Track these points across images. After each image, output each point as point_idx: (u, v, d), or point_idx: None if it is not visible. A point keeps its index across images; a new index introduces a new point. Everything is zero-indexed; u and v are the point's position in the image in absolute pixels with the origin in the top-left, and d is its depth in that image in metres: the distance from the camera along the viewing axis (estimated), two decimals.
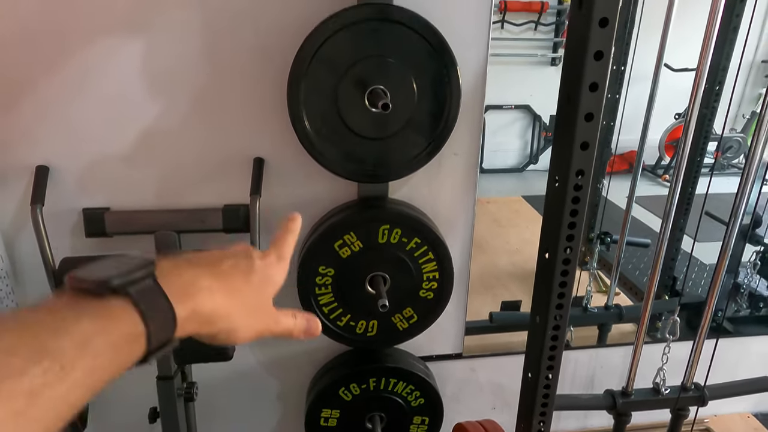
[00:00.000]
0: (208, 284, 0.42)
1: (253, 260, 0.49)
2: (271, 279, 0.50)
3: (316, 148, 1.17)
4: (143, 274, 0.38)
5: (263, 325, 0.49)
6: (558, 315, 0.91)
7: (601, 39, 0.73)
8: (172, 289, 0.39)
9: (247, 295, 0.46)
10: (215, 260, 0.46)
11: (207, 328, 0.42)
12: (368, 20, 1.09)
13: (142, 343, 0.36)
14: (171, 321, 0.38)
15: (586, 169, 0.81)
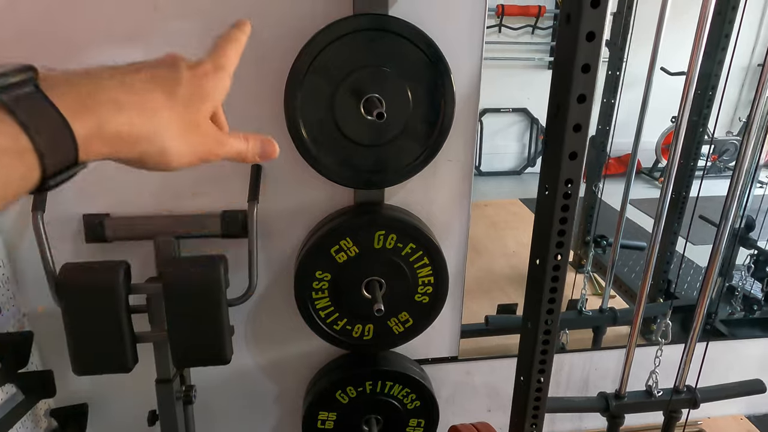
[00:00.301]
0: (113, 97, 0.35)
1: (179, 70, 0.41)
2: (204, 91, 0.42)
3: (313, 155, 1.19)
4: (20, 80, 0.32)
5: (203, 146, 0.42)
6: (549, 320, 0.93)
7: (589, 52, 0.75)
8: (64, 101, 0.33)
9: (172, 110, 0.39)
10: (126, 71, 0.38)
11: (125, 151, 0.37)
12: (363, 30, 1.11)
13: (32, 161, 0.31)
14: (66, 136, 0.33)
15: (575, 178, 0.83)
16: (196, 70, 0.42)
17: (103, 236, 1.27)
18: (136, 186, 1.28)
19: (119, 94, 0.36)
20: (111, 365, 1.18)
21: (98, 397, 1.48)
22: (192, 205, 1.30)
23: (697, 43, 1.15)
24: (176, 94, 0.40)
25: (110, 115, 0.35)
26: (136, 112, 0.36)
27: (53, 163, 0.32)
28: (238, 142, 0.46)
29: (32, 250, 1.27)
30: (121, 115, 0.35)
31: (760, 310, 2.26)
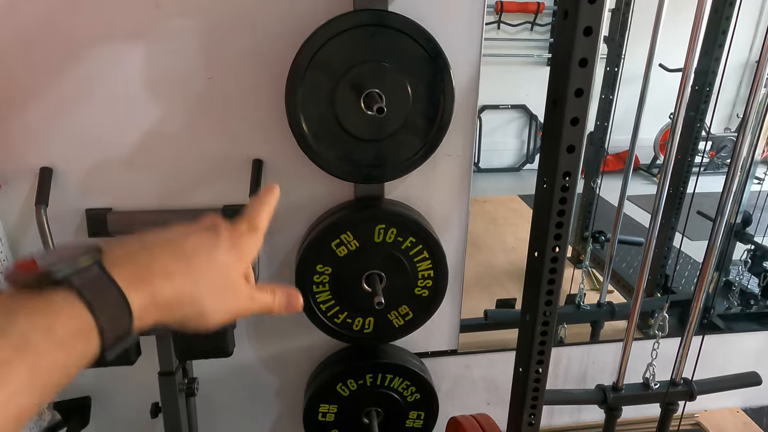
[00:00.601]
0: (165, 266, 0.39)
1: (219, 234, 0.45)
2: (240, 252, 0.46)
3: (314, 150, 1.21)
4: (88, 262, 0.35)
5: (236, 305, 0.45)
6: (547, 311, 0.94)
7: (586, 47, 0.76)
8: (124, 275, 0.36)
9: (213, 274, 0.42)
10: (175, 239, 0.42)
11: (171, 315, 0.40)
12: (364, 26, 1.13)
13: (94, 339, 0.34)
14: (125, 311, 0.36)
15: (572, 171, 0.84)
16: (233, 232, 0.46)
17: (106, 230, 1.29)
18: (138, 181, 1.29)
19: (170, 262, 0.39)
20: (114, 358, 1.19)
21: (101, 390, 1.49)
22: (193, 200, 1.32)
23: (693, 40, 1.16)
24: (217, 257, 0.43)
25: (162, 283, 0.38)
26: (183, 278, 0.40)
27: (112, 336, 0.35)
28: (267, 297, 0.48)
29: (35, 244, 1.29)
30: (171, 283, 0.39)
31: (757, 304, 2.28)
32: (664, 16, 1.50)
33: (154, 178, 1.29)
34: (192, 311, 0.41)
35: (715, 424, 1.79)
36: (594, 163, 2.55)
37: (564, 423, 1.80)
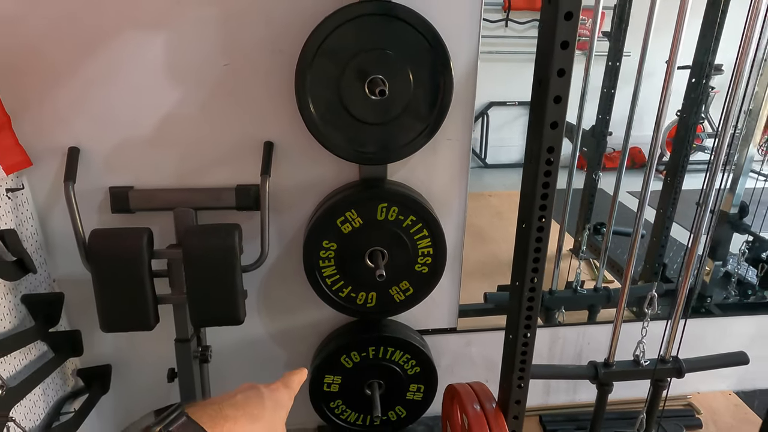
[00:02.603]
0: (231, 413, 0.49)
1: (260, 389, 0.57)
2: (280, 402, 0.57)
3: (321, 133, 1.29)
4: (178, 414, 0.45)
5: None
6: (534, 278, 1.02)
7: (567, 30, 0.84)
8: (204, 421, 0.46)
9: (265, 418, 0.53)
10: (229, 398, 0.53)
11: None
12: (368, 15, 1.21)
13: None
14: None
15: (555, 146, 0.92)
16: (270, 387, 0.58)
17: (128, 207, 1.38)
18: (158, 161, 1.38)
19: (232, 411, 0.50)
20: (135, 323, 1.29)
21: (120, 359, 1.59)
22: (209, 179, 1.41)
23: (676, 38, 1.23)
24: (264, 404, 0.54)
25: (232, 426, 0.48)
26: (245, 421, 0.50)
27: None
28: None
29: (61, 219, 1.39)
30: (237, 426, 0.49)
31: (755, 295, 2.33)
32: (656, 14, 1.57)
33: (172, 158, 1.39)
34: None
35: (707, 405, 1.85)
36: (596, 155, 2.61)
37: (560, 401, 1.87)
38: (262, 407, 0.54)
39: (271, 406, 0.55)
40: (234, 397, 0.53)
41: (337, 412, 1.59)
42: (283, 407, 0.57)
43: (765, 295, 2.33)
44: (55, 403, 1.44)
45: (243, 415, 0.50)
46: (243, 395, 0.54)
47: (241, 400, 0.53)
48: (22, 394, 1.24)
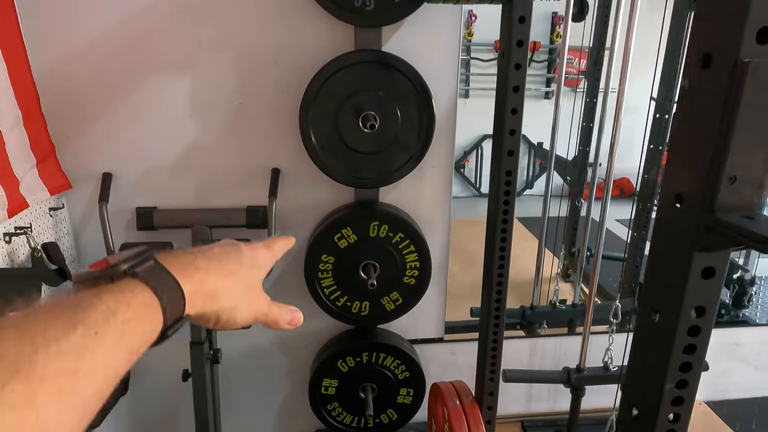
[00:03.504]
0: (204, 265, 0.47)
1: (239, 245, 0.54)
2: (258, 262, 0.54)
3: (321, 161, 1.49)
4: (145, 257, 0.43)
5: (259, 307, 0.53)
6: (500, 274, 1.19)
7: (517, 77, 1.05)
8: (174, 268, 0.44)
9: (241, 274, 0.51)
10: (205, 249, 0.51)
11: (212, 304, 0.47)
12: (363, 62, 1.43)
13: (159, 317, 0.40)
14: (179, 295, 0.43)
15: (512, 169, 1.11)
16: (250, 245, 0.56)
17: (152, 225, 1.57)
18: (178, 185, 1.58)
19: (207, 263, 0.48)
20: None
21: (138, 363, 1.73)
22: (222, 201, 1.61)
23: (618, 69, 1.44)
24: (242, 260, 0.52)
25: (204, 277, 0.46)
26: (219, 274, 0.48)
27: (171, 315, 0.42)
28: (277, 309, 0.56)
29: (93, 236, 1.58)
30: (210, 277, 0.47)
31: (728, 314, 2.48)
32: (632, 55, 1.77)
33: (191, 182, 1.59)
34: (228, 304, 0.48)
35: None
36: (577, 184, 2.82)
37: (541, 409, 2.01)
38: (239, 263, 0.51)
39: (248, 263, 0.53)
40: (211, 250, 0.51)
41: (333, 414, 1.74)
42: (260, 267, 0.55)
43: (738, 314, 2.49)
44: None
45: (217, 269, 0.48)
46: (220, 249, 0.52)
47: (218, 254, 0.50)
48: None
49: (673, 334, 0.55)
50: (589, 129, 2.72)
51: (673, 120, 0.50)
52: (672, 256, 0.54)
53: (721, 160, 0.47)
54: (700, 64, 0.49)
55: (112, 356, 0.35)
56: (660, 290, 0.56)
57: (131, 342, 0.37)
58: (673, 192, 0.53)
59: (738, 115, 0.45)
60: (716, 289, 0.54)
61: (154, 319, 0.40)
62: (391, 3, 1.38)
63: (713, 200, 0.48)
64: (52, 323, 0.33)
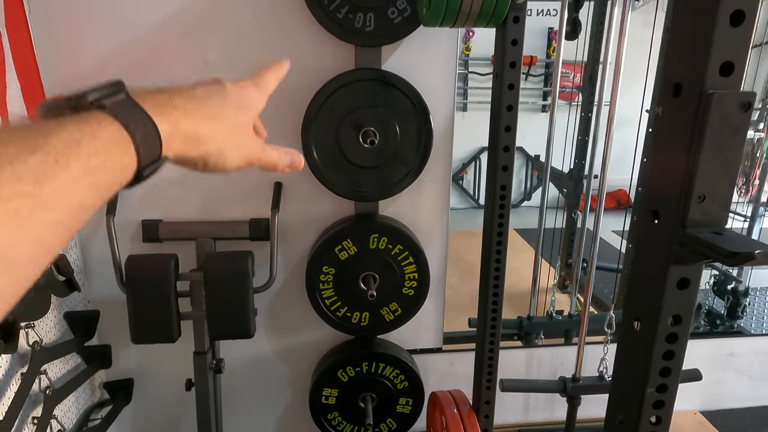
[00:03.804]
0: (182, 105, 0.43)
1: (225, 85, 0.50)
2: (246, 101, 0.51)
3: (323, 175, 1.54)
4: (115, 90, 0.39)
5: (250, 150, 0.50)
6: (499, 241, 1.22)
7: (511, 97, 1.10)
8: (148, 105, 0.40)
9: (226, 117, 0.47)
10: (187, 88, 0.47)
11: (194, 149, 0.44)
12: (363, 80, 1.48)
13: (131, 153, 0.38)
14: (154, 132, 0.39)
15: (510, 145, 1.15)
16: (238, 84, 0.52)
17: (157, 237, 1.62)
18: (183, 198, 1.63)
19: (186, 103, 0.44)
20: (161, 336, 1.49)
21: (141, 373, 1.78)
22: (226, 214, 1.65)
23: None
24: (226, 102, 0.48)
25: (182, 117, 0.43)
26: (200, 116, 0.45)
27: (146, 154, 0.39)
28: (274, 153, 0.55)
29: (99, 248, 1.62)
30: (189, 119, 0.44)
31: (723, 324, 2.52)
32: (626, 69, 1.82)
33: (196, 196, 1.63)
34: (212, 149, 0.45)
35: (673, 423, 2.01)
36: (574, 196, 2.86)
37: (539, 419, 2.03)
38: (222, 105, 0.48)
39: (234, 104, 0.49)
40: (192, 90, 0.47)
41: (333, 423, 1.77)
42: (249, 107, 0.52)
43: (733, 325, 2.53)
44: (85, 411, 1.64)
45: (198, 111, 0.45)
46: (203, 89, 0.48)
47: (200, 95, 0.47)
48: (62, 398, 1.44)
49: (653, 341, 0.59)
50: (584, 142, 2.77)
51: (650, 142, 0.54)
52: (650, 268, 0.58)
53: (690, 181, 0.51)
54: (671, 92, 0.54)
55: (76, 187, 0.33)
56: (640, 300, 0.60)
57: (99, 177, 0.35)
58: (650, 208, 0.58)
59: (705, 140, 0.50)
60: (691, 299, 0.58)
61: (125, 157, 0.38)
62: (390, 24, 1.43)
63: (685, 217, 0.53)
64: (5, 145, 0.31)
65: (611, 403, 0.71)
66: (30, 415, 1.35)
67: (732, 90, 0.50)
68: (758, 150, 3.38)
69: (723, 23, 0.48)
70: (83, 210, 0.35)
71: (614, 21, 1.71)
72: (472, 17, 1.07)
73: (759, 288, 2.83)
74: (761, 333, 2.45)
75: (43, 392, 1.37)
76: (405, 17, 1.43)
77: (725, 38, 0.49)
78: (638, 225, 0.61)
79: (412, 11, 1.42)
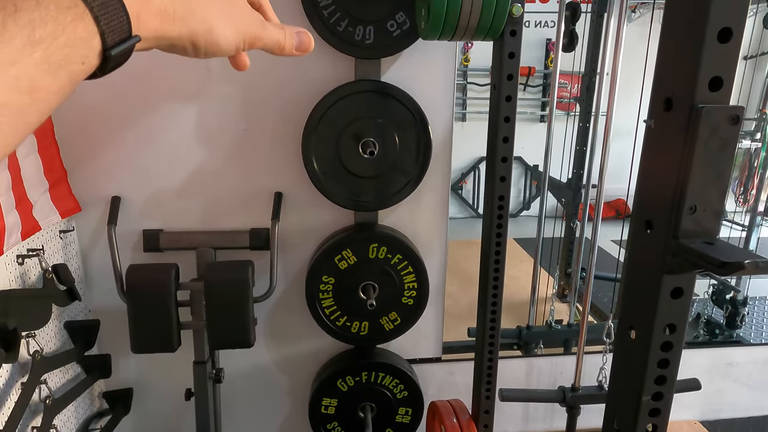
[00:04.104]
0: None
1: None
2: None
3: (323, 185, 1.55)
4: None
5: (245, 25, 0.45)
6: (497, 251, 1.23)
7: (508, 108, 1.12)
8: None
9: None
10: None
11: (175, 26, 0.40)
12: (362, 92, 1.50)
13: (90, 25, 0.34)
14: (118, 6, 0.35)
15: (508, 156, 1.17)
16: None
17: (158, 247, 1.63)
18: (184, 208, 1.64)
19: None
20: (161, 346, 1.50)
21: (141, 383, 1.78)
22: (227, 224, 1.66)
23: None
24: None
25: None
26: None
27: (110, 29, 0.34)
28: (278, 31, 0.48)
29: (100, 257, 1.63)
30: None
31: (722, 334, 2.52)
32: (624, 80, 1.84)
33: (197, 205, 1.65)
34: (197, 26, 0.41)
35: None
36: (572, 206, 2.88)
37: (538, 429, 2.03)
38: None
39: None
40: None
41: None
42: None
43: (732, 334, 2.53)
44: (84, 421, 1.63)
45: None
46: None
47: None
48: (62, 407, 1.44)
49: (648, 349, 0.60)
50: (582, 152, 2.79)
51: (642, 154, 0.56)
52: (644, 277, 0.59)
53: (682, 193, 0.53)
54: (663, 106, 0.55)
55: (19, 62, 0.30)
56: (634, 309, 0.61)
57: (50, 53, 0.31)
58: (644, 219, 0.59)
59: (695, 153, 0.51)
60: (685, 308, 0.59)
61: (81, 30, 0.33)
62: (389, 37, 1.45)
63: (677, 227, 0.54)
64: None
65: (608, 411, 0.72)
66: (30, 424, 1.35)
67: (721, 104, 0.51)
68: (755, 160, 3.39)
69: (711, 40, 0.50)
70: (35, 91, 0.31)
71: (611, 33, 1.74)
72: (470, 31, 1.09)
73: (758, 297, 2.84)
74: (760, 342, 2.45)
75: (43, 402, 1.37)
76: (404, 30, 1.46)
77: (714, 54, 0.50)
78: (632, 235, 0.62)
79: (411, 24, 1.45)
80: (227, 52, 0.44)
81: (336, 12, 1.43)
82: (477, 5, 1.04)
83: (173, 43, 0.41)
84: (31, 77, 0.30)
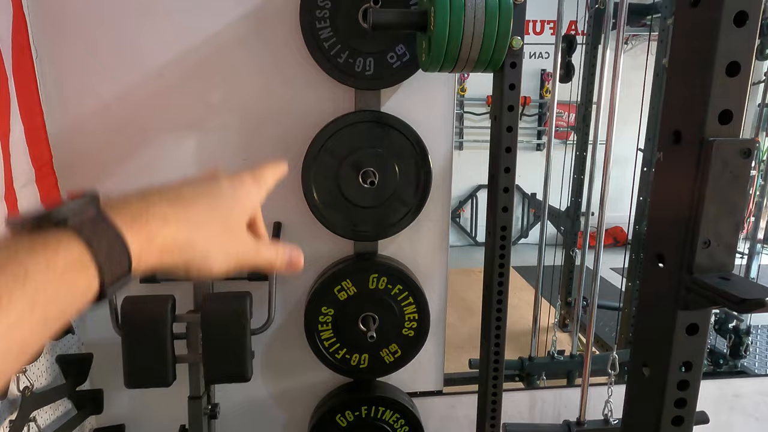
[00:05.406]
0: (161, 211, 0.40)
1: (220, 183, 0.47)
2: (241, 201, 0.47)
3: (322, 215, 1.54)
4: (85, 205, 0.37)
5: (240, 252, 0.46)
6: (500, 282, 1.21)
7: (509, 139, 1.12)
8: (121, 218, 0.37)
9: (214, 220, 0.44)
10: (173, 189, 0.44)
11: (171, 259, 0.41)
12: (363, 122, 1.50)
13: (93, 274, 0.35)
14: (122, 250, 0.37)
15: (509, 186, 1.15)
16: (234, 182, 0.49)
17: (154, 278, 1.60)
18: None
19: (167, 208, 0.41)
20: (156, 380, 1.46)
21: (133, 419, 1.73)
22: None
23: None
24: (217, 203, 0.45)
25: (159, 227, 0.40)
26: (181, 223, 0.41)
27: (111, 273, 0.36)
28: (269, 251, 0.50)
29: None
30: (168, 228, 0.40)
31: (727, 364, 2.48)
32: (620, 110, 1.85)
33: None
34: (194, 256, 0.42)
35: None
36: (571, 234, 2.87)
37: None
38: (212, 207, 0.44)
39: (226, 204, 0.46)
40: (179, 191, 0.44)
41: None
42: (244, 205, 0.48)
43: (736, 364, 2.49)
44: None
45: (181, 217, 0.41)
46: (193, 188, 0.45)
47: (188, 196, 0.44)
48: None
49: (663, 388, 0.58)
50: (580, 180, 2.80)
51: (652, 187, 0.55)
52: (657, 313, 0.58)
53: (695, 227, 0.52)
54: (671, 139, 0.55)
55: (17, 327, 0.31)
56: (648, 346, 0.60)
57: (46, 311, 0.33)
58: (655, 252, 0.58)
59: (707, 187, 0.50)
60: (701, 345, 0.57)
61: (85, 280, 0.35)
62: (389, 68, 1.47)
63: (691, 262, 0.53)
64: None
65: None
66: None
67: (732, 137, 0.51)
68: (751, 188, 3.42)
69: (720, 73, 0.50)
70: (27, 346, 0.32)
71: (606, 64, 1.77)
72: (471, 63, 1.10)
73: (760, 326, 2.81)
74: (765, 373, 2.41)
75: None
76: (404, 62, 1.47)
77: (723, 88, 0.50)
78: (644, 268, 0.61)
79: (411, 56, 1.46)
80: (217, 277, 0.45)
81: (337, 44, 1.44)
82: (478, 38, 1.05)
83: (168, 267, 0.42)
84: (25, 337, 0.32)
